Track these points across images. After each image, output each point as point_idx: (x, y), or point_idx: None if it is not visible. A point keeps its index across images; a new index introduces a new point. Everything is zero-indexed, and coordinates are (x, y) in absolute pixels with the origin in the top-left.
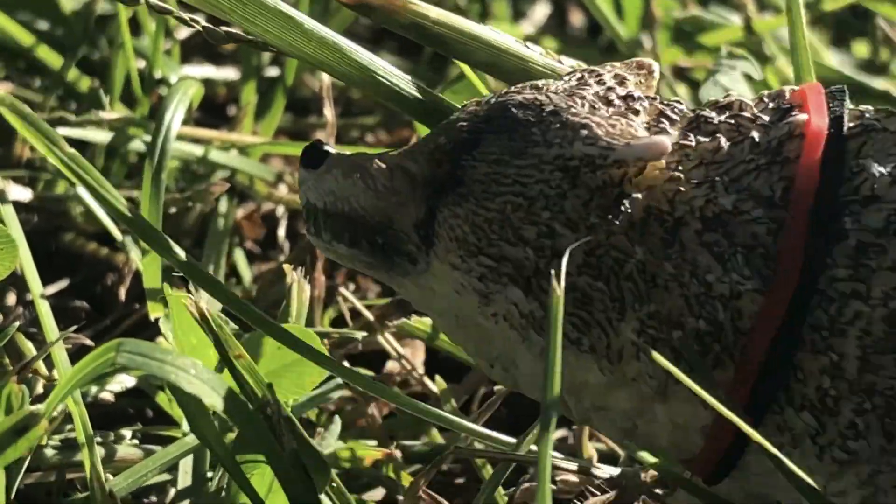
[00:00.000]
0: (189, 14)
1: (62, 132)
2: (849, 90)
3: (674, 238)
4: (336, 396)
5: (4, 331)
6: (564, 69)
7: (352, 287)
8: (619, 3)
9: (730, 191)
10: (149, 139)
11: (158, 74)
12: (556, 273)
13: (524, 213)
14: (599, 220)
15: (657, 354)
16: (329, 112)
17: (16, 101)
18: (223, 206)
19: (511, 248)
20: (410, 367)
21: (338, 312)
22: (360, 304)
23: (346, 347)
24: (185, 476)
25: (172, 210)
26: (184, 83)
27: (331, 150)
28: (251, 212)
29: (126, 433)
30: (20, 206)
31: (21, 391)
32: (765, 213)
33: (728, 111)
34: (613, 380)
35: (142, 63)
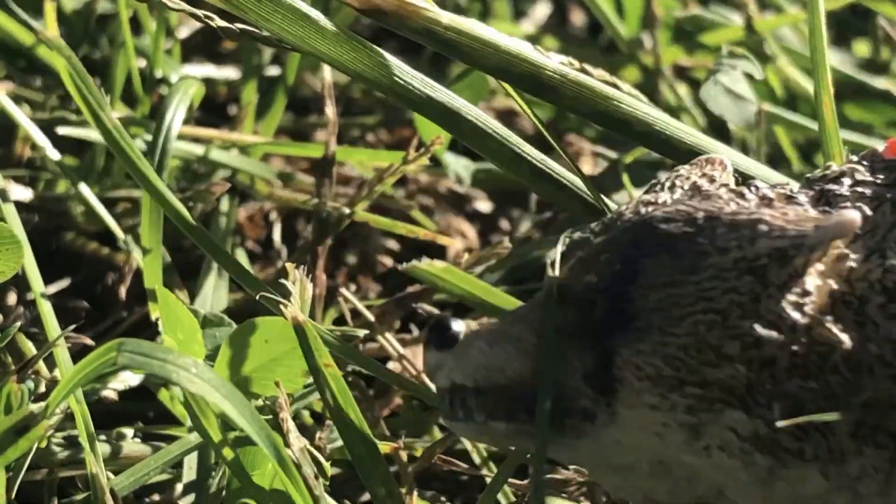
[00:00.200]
0: (203, 11)
1: (62, 132)
2: (849, 89)
3: (864, 317)
4: None
5: (5, 330)
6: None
7: (353, 287)
8: (620, 3)
9: None
10: (150, 138)
11: (159, 74)
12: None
13: (721, 330)
14: (798, 315)
15: None
16: (330, 111)
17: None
18: (224, 206)
19: (715, 370)
20: (410, 367)
21: (339, 313)
22: (361, 305)
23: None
24: (190, 472)
25: None
26: (184, 82)
27: (458, 327)
28: (254, 213)
29: (128, 432)
30: (21, 206)
31: (21, 391)
32: None
33: (847, 180)
34: (836, 484)
35: (142, 62)
